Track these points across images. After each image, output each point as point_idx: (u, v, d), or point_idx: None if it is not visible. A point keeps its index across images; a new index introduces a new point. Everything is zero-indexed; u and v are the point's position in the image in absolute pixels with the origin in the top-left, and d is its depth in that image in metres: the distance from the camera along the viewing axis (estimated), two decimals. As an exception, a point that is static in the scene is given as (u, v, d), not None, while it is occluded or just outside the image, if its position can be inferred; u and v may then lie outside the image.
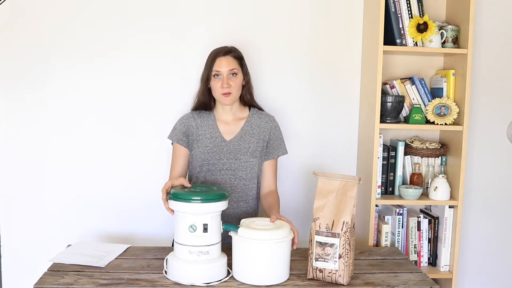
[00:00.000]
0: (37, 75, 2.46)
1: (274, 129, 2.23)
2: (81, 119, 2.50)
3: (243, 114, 2.23)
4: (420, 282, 1.78)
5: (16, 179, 2.51)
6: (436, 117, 2.40)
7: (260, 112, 2.25)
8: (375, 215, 2.40)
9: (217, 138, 2.16)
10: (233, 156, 2.14)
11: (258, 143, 2.18)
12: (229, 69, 2.10)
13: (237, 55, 2.15)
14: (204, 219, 1.71)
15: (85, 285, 1.68)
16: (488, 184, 2.70)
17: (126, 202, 2.54)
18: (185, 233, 1.72)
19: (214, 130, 2.18)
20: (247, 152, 2.15)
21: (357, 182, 1.75)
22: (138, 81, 2.50)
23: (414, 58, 2.59)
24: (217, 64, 2.11)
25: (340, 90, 2.60)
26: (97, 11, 2.45)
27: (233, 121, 2.20)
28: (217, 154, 2.14)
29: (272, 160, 2.22)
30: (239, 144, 2.16)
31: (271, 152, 2.21)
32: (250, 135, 2.18)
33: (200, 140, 2.17)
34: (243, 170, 2.15)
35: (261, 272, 1.71)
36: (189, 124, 2.20)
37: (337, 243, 1.72)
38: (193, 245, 1.72)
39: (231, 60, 2.12)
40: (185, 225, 1.72)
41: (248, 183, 2.17)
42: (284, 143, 2.25)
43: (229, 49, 2.15)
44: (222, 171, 2.14)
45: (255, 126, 2.20)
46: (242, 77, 2.16)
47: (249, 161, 2.15)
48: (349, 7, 2.56)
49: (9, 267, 2.54)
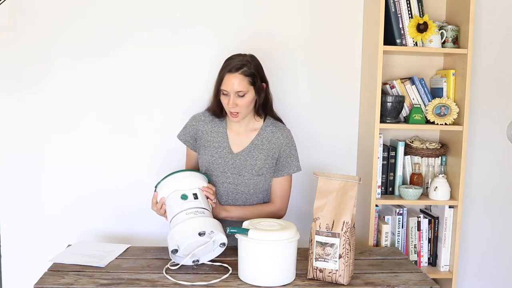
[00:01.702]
0: (37, 75, 2.46)
1: (285, 146, 2.11)
2: (81, 119, 2.50)
3: (256, 125, 2.13)
4: (420, 282, 1.78)
5: (16, 179, 2.51)
6: (436, 117, 2.40)
7: (274, 125, 2.14)
8: (375, 215, 2.40)
9: (224, 149, 2.10)
10: (237, 172, 2.08)
11: (266, 160, 2.09)
12: (235, 91, 1.97)
13: (249, 72, 1.99)
14: (192, 190, 1.88)
15: (85, 285, 1.68)
16: (488, 184, 2.70)
17: (126, 202, 2.54)
18: (178, 203, 1.84)
19: (224, 139, 2.11)
20: (252, 170, 2.08)
21: (357, 182, 1.75)
22: (138, 81, 2.50)
23: (414, 58, 2.60)
24: (225, 83, 1.98)
25: (340, 90, 2.60)
26: (97, 11, 2.44)
27: (244, 132, 2.11)
28: (221, 167, 2.09)
29: (281, 178, 2.12)
30: (246, 159, 2.08)
31: (280, 170, 2.11)
32: (259, 150, 2.09)
33: (207, 147, 2.12)
34: (245, 186, 2.09)
35: (269, 273, 1.71)
36: (199, 127, 2.14)
37: (337, 243, 1.72)
38: (188, 208, 1.82)
39: (240, 79, 1.97)
40: (177, 198, 1.84)
41: (250, 197, 2.11)
42: (296, 160, 2.14)
43: (240, 65, 1.99)
44: (224, 184, 2.09)
45: (265, 141, 2.10)
46: (252, 95, 2.01)
47: (253, 178, 2.08)
48: (349, 7, 2.56)
49: (9, 267, 2.54)
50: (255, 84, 2.01)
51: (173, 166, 2.41)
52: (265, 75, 2.09)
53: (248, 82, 1.99)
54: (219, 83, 2.02)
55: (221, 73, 2.02)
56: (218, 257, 1.86)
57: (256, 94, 2.03)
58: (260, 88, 2.04)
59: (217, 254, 1.84)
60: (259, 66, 2.06)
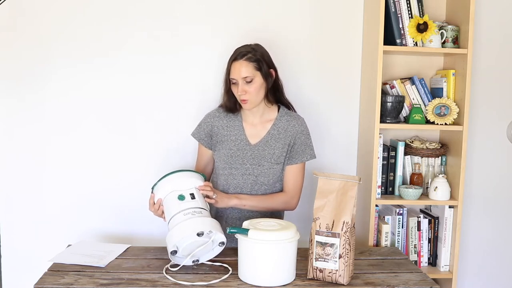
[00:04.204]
0: (37, 75, 2.46)
1: (300, 133, 2.14)
2: (81, 119, 2.50)
3: (271, 115, 2.16)
4: (420, 282, 1.78)
5: (16, 179, 2.51)
6: (436, 117, 2.40)
7: (289, 114, 2.17)
8: (375, 215, 2.40)
9: (242, 141, 2.12)
10: (257, 162, 2.10)
11: (283, 149, 2.12)
12: (242, 77, 2.02)
13: (254, 58, 2.03)
14: (189, 190, 1.87)
15: (85, 285, 1.68)
16: (488, 184, 2.70)
17: (126, 202, 2.54)
18: (176, 204, 1.83)
19: (240, 132, 2.13)
20: (271, 159, 2.10)
21: (357, 182, 1.75)
22: (138, 81, 2.50)
23: (414, 58, 2.60)
24: (232, 71, 2.04)
25: (340, 90, 2.60)
26: (97, 11, 2.45)
27: (260, 123, 2.14)
28: (240, 159, 2.11)
29: (294, 166, 2.14)
30: (264, 149, 2.11)
31: (294, 157, 2.14)
32: (276, 139, 2.12)
33: (224, 141, 2.13)
34: (265, 176, 2.11)
35: (269, 273, 1.70)
36: (214, 124, 2.16)
37: (337, 243, 1.72)
38: (186, 208, 1.81)
39: (245, 65, 2.02)
40: (174, 199, 1.84)
41: (269, 188, 2.13)
42: (310, 148, 2.16)
43: (245, 52, 2.04)
44: (244, 176, 2.11)
45: (282, 130, 2.13)
46: (261, 80, 2.04)
47: (272, 167, 2.11)
48: (349, 7, 2.56)
49: (9, 267, 2.54)
50: (261, 70, 2.04)
51: (173, 166, 2.41)
52: (272, 61, 2.13)
53: (254, 67, 2.03)
54: (228, 73, 2.07)
55: (228, 64, 2.07)
56: (218, 257, 1.86)
57: (264, 79, 2.06)
58: (267, 73, 2.07)
59: (217, 253, 1.84)
60: (265, 53, 2.10)
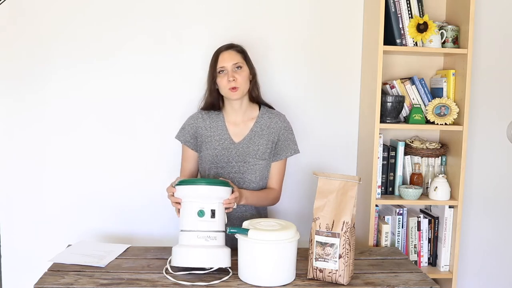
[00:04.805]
0: (37, 75, 2.46)
1: (283, 129, 2.19)
2: (81, 119, 2.50)
3: (253, 113, 2.20)
4: (420, 282, 1.78)
5: (16, 179, 2.51)
6: (436, 117, 2.40)
7: (270, 111, 2.22)
8: (375, 215, 2.40)
9: (226, 140, 2.15)
10: (242, 159, 2.13)
11: (268, 145, 2.16)
12: (233, 63, 2.09)
13: (240, 49, 2.15)
14: (212, 205, 1.76)
15: (85, 285, 1.68)
16: (488, 184, 2.70)
17: (126, 202, 2.54)
18: (194, 219, 1.76)
19: (223, 131, 2.16)
20: (256, 155, 2.13)
21: (357, 182, 1.75)
22: (138, 81, 2.50)
23: (414, 58, 2.60)
24: (221, 60, 2.10)
25: (340, 90, 2.60)
26: (97, 11, 2.45)
27: (242, 121, 2.18)
28: (225, 157, 2.13)
29: (280, 162, 2.19)
30: (248, 146, 2.14)
31: (278, 153, 2.18)
32: (259, 136, 2.16)
33: (208, 142, 2.16)
34: (252, 173, 2.13)
35: (269, 273, 1.71)
36: (198, 125, 2.19)
37: (337, 243, 1.72)
38: (202, 230, 1.75)
39: (234, 54, 2.11)
40: (193, 211, 1.76)
41: (256, 186, 2.15)
42: (294, 143, 2.21)
43: (231, 45, 2.15)
44: (231, 174, 2.13)
45: (264, 127, 2.17)
46: (248, 70, 2.13)
47: (257, 163, 2.13)
48: (349, 7, 2.56)
49: (9, 267, 2.54)
50: (247, 60, 2.15)
51: (173, 166, 2.40)
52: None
53: (241, 56, 2.13)
54: (214, 66, 2.11)
55: (213, 58, 2.14)
56: (218, 257, 1.87)
57: (249, 70, 2.14)
58: (252, 66, 2.17)
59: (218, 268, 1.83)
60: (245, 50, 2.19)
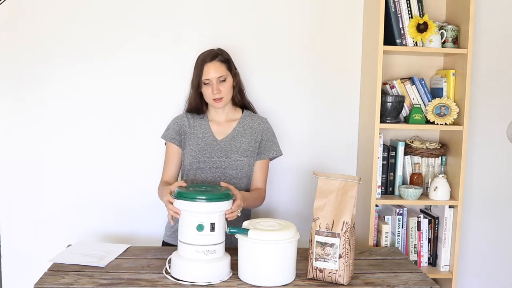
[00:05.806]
0: (37, 75, 2.46)
1: (266, 130, 2.24)
2: (81, 119, 2.50)
3: (236, 115, 2.25)
4: (420, 282, 1.78)
5: (16, 179, 2.51)
6: (436, 117, 2.40)
7: (252, 115, 2.28)
8: (375, 215, 2.40)
9: (209, 138, 2.19)
10: (224, 155, 2.16)
11: (250, 143, 2.19)
12: (217, 76, 2.12)
13: (224, 59, 2.17)
14: (211, 218, 1.73)
15: (85, 285, 1.68)
16: (488, 184, 2.70)
17: (126, 202, 2.54)
18: (192, 233, 1.73)
19: (207, 130, 2.21)
20: (238, 151, 2.17)
21: (357, 182, 1.75)
22: (138, 81, 2.50)
23: (414, 58, 2.59)
24: (206, 72, 2.13)
25: (340, 90, 2.60)
26: (97, 12, 2.44)
27: (225, 122, 2.23)
28: (208, 153, 2.17)
29: (263, 161, 2.22)
30: (230, 143, 2.18)
31: (262, 153, 2.22)
32: (242, 135, 2.20)
33: (192, 138, 2.20)
34: (233, 169, 2.16)
35: (269, 273, 1.71)
36: (182, 123, 2.23)
37: (337, 243, 1.72)
38: (201, 244, 1.73)
39: (219, 65, 2.14)
40: (192, 224, 1.73)
41: (238, 182, 2.16)
42: (277, 145, 2.25)
43: (215, 53, 2.16)
44: (212, 169, 2.16)
45: (247, 127, 2.22)
46: (231, 80, 2.18)
47: (239, 160, 2.16)
48: (349, 7, 2.56)
49: (9, 267, 2.54)
50: (231, 70, 2.19)
51: (173, 166, 2.40)
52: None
53: (226, 67, 2.16)
54: (199, 76, 2.14)
55: (198, 67, 2.16)
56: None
57: (233, 79, 2.19)
58: (235, 74, 2.22)
59: None
60: (229, 55, 2.22)
